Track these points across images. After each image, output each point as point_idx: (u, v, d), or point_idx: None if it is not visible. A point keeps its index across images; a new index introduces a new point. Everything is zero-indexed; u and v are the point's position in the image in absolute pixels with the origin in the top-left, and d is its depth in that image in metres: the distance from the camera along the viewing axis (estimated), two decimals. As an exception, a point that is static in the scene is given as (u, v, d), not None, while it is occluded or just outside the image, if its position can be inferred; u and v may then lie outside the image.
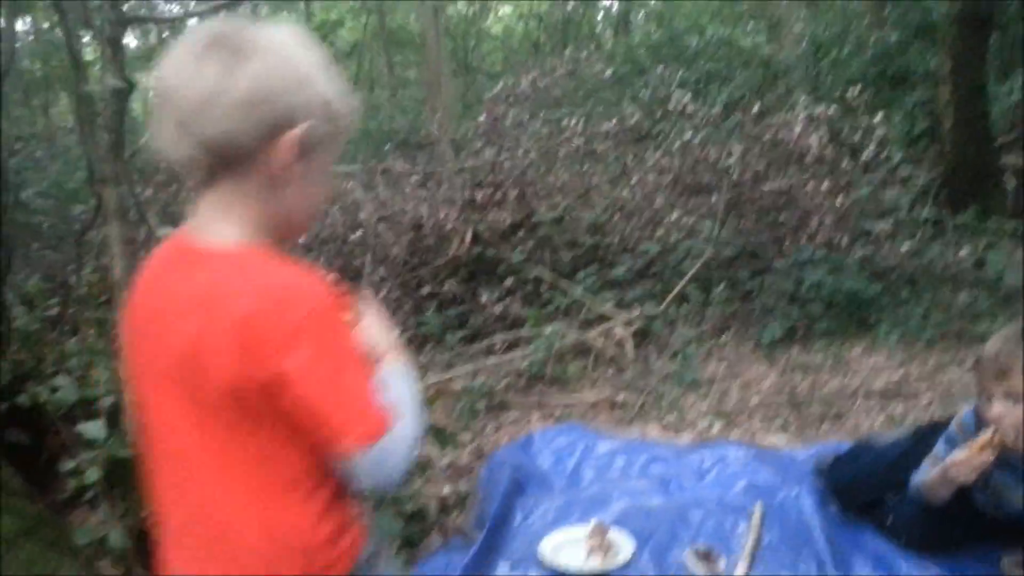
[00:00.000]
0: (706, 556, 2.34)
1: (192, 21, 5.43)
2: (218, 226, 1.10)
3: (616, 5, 17.53)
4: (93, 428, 2.30)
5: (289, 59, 1.07)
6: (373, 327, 1.27)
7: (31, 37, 12.03)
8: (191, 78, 1.04)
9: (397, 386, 1.18)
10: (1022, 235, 5.59)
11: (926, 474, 2.29)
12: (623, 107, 7.75)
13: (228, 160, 1.07)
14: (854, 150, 5.41)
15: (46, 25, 11.53)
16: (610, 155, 6.11)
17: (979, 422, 2.19)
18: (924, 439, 2.48)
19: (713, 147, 5.66)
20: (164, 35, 11.94)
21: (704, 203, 5.50)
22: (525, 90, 6.36)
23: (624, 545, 2.46)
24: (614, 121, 6.12)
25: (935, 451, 2.31)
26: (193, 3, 11.96)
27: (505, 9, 19.91)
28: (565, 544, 2.51)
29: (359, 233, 5.50)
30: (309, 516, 1.12)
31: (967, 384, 3.57)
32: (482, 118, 6.25)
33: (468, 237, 5.45)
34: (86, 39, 5.75)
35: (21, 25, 11.45)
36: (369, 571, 1.20)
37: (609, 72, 7.64)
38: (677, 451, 3.22)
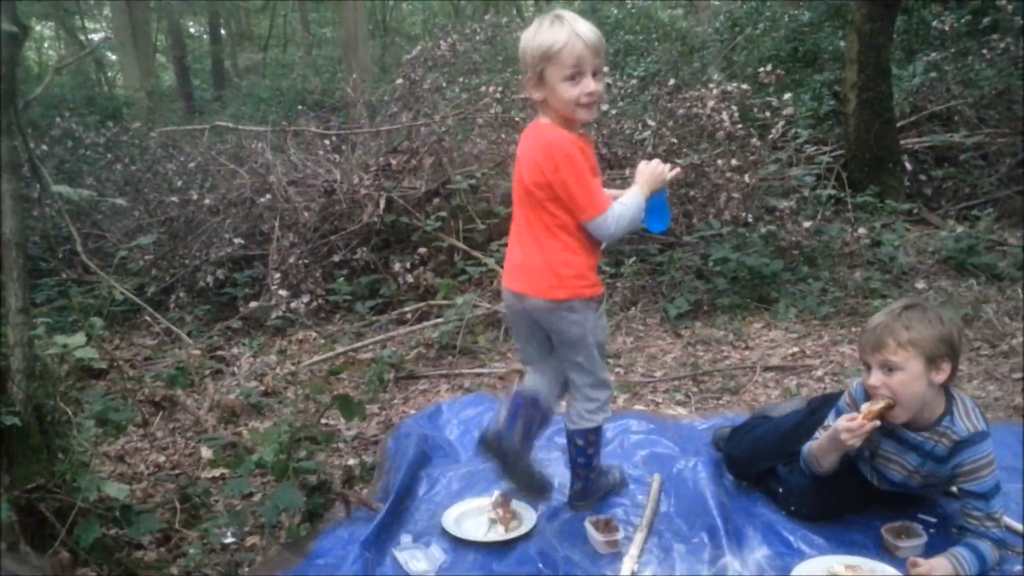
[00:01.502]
0: (606, 525, 2.39)
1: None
2: (542, 118, 2.30)
3: (539, -29, 17.42)
4: (-24, 396, 2.18)
5: (523, 39, 2.25)
6: (648, 167, 2.38)
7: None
8: None
9: (627, 196, 2.32)
10: (915, 217, 5.85)
11: (815, 440, 2.39)
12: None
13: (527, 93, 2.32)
14: (763, 127, 5.54)
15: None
16: (527, 124, 6.07)
17: (867, 394, 2.29)
18: (817, 411, 2.59)
19: (629, 120, 5.70)
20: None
21: (618, 176, 5.54)
22: (444, 54, 6.26)
23: (526, 516, 2.50)
24: (532, 90, 6.08)
25: (828, 423, 2.40)
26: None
27: (426, -31, 19.54)
28: (468, 514, 2.53)
29: (267, 197, 5.34)
30: (576, 255, 2.28)
31: (859, 359, 3.73)
32: (399, 81, 6.12)
33: (382, 204, 5.35)
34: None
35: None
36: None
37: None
38: (582, 422, 3.27)
